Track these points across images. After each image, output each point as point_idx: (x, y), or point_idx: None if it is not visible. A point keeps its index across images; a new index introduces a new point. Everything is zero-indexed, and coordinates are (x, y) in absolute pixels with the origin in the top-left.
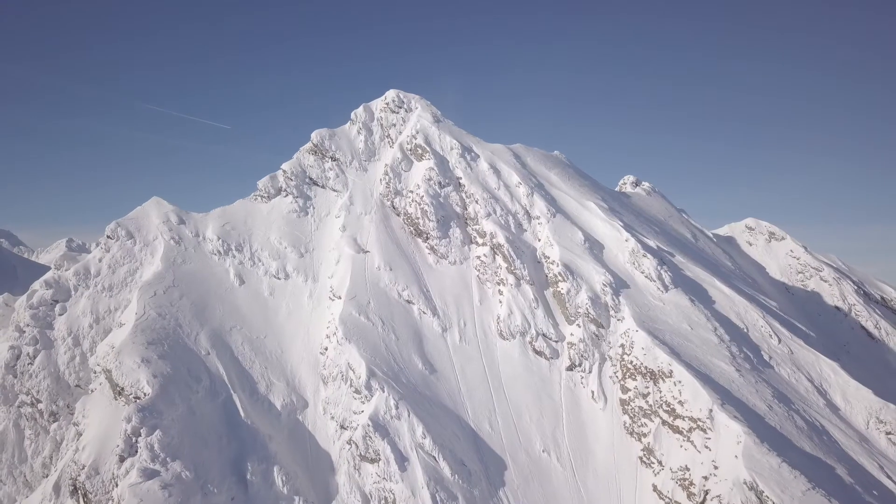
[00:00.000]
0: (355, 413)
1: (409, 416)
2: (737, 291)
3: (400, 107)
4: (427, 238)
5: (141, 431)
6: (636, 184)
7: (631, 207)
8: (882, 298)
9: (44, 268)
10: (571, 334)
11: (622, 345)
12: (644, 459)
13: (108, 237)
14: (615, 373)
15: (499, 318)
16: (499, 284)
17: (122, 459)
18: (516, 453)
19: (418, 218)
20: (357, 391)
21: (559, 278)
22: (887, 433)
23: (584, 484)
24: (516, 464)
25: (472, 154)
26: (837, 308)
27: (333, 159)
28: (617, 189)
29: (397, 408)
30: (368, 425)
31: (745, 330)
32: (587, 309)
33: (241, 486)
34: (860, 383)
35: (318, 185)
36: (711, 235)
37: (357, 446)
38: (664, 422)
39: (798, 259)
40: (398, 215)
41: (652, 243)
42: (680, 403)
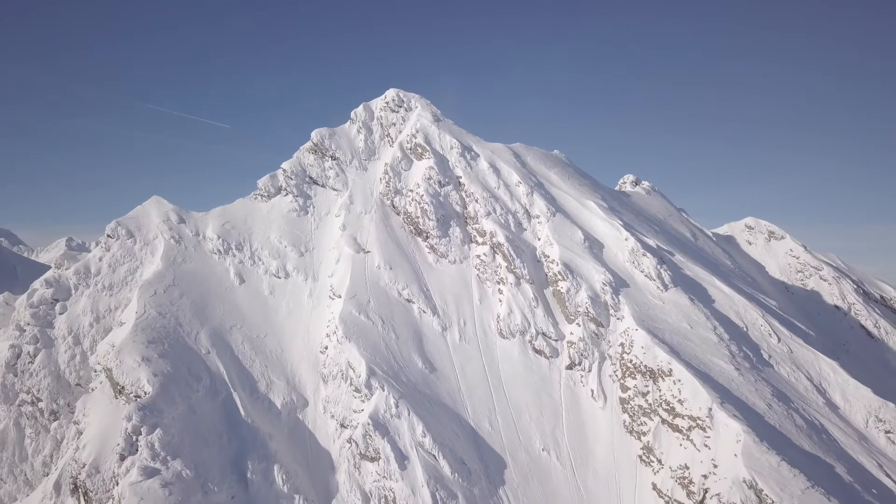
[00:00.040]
0: (355, 412)
1: (409, 415)
2: (736, 290)
3: (400, 106)
4: (427, 237)
5: (141, 430)
6: (636, 183)
7: (631, 207)
8: (881, 297)
9: (43, 267)
10: (571, 333)
11: (622, 344)
12: (644, 458)
13: (109, 236)
14: (615, 371)
15: (498, 317)
16: (499, 283)
17: (123, 458)
18: (516, 452)
19: (418, 217)
20: (357, 390)
21: (559, 277)
22: (886, 432)
23: (584, 482)
24: (516, 462)
25: (472, 153)
26: (837, 307)
27: (333, 158)
28: (617, 188)
29: (397, 406)
30: (368, 424)
31: (745, 329)
32: (587, 308)
33: (242, 485)
34: (859, 382)
35: (318, 185)
36: (711, 235)
37: (357, 445)
38: (664, 420)
39: (797, 258)
40: (398, 214)
41: (651, 242)
42: (679, 402)
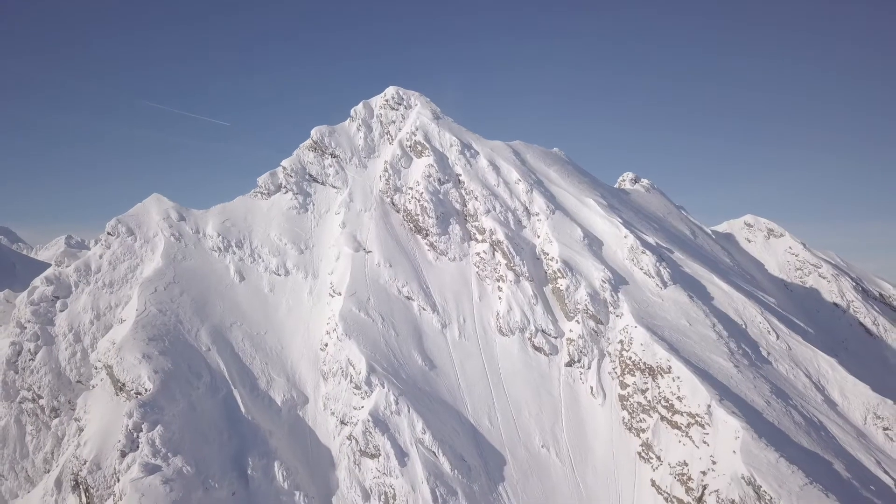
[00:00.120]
0: (355, 409)
1: (409, 412)
2: (735, 288)
3: (399, 103)
4: (427, 235)
5: (142, 427)
6: (635, 180)
7: (630, 204)
8: (880, 295)
9: (43, 264)
10: (570, 330)
11: (621, 341)
12: (643, 455)
13: (109, 234)
14: (614, 369)
15: (498, 315)
16: (498, 281)
17: (124, 455)
18: (515, 449)
19: (418, 214)
20: (357, 387)
21: (558, 275)
22: (885, 429)
23: (583, 479)
24: (515, 459)
25: (472, 151)
26: (836, 304)
27: (333, 156)
28: (616, 186)
29: (397, 403)
30: (368, 421)
31: (744, 326)
32: (586, 305)
33: (242, 481)
34: (858, 379)
35: (318, 182)
36: (710, 232)
37: (357, 442)
38: (663, 417)
39: (797, 256)
40: (398, 212)
41: (651, 240)
42: (678, 399)
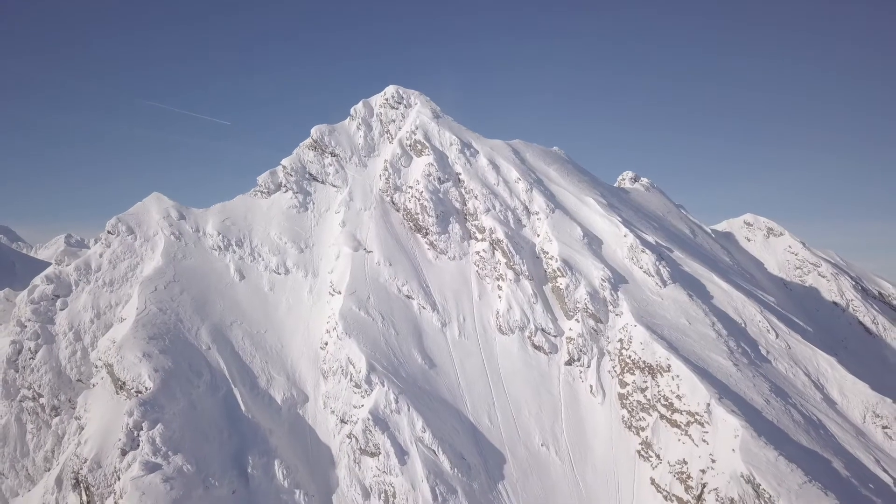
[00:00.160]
0: (355, 407)
1: (409, 411)
2: (735, 287)
3: (399, 102)
4: (426, 233)
5: (143, 425)
6: (635, 179)
7: (630, 203)
8: (880, 294)
9: (42, 263)
10: (570, 329)
11: (620, 339)
12: (642, 453)
13: (109, 232)
14: (613, 367)
15: (498, 313)
16: (498, 280)
17: (124, 453)
18: (515, 447)
19: (418, 213)
20: (357, 385)
21: (558, 273)
22: (883, 427)
23: (583, 477)
24: (515, 458)
25: (472, 150)
26: (835, 303)
27: (333, 155)
28: (616, 185)
29: (397, 402)
30: (368, 419)
31: (743, 325)
32: (586, 304)
33: (243, 480)
34: (857, 378)
35: (318, 181)
36: (710, 231)
37: (357, 440)
38: (662, 416)
39: (796, 255)
40: (398, 211)
41: (650, 239)
42: (678, 397)
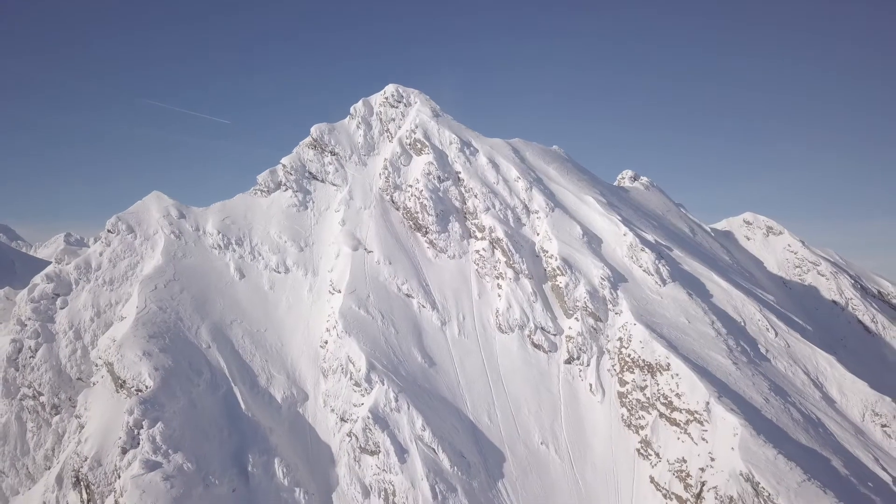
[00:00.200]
0: (355, 405)
1: (409, 409)
2: (734, 285)
3: (399, 101)
4: (426, 232)
5: (143, 423)
6: (634, 178)
7: (629, 202)
8: (879, 293)
9: (42, 262)
10: (570, 328)
11: (620, 338)
12: (641, 451)
13: (109, 231)
14: (613, 366)
15: (497, 312)
16: (497, 278)
17: (125, 451)
18: (515, 446)
19: (417, 212)
20: (357, 384)
21: (557, 272)
22: (882, 426)
23: (583, 476)
24: (515, 456)
25: (471, 148)
26: (834, 302)
27: (333, 154)
28: (615, 184)
29: (397, 400)
30: (368, 418)
31: (743, 323)
32: (585, 302)
33: (243, 478)
34: (856, 376)
35: (318, 180)
36: (709, 230)
37: (357, 438)
38: (661, 414)
39: (795, 253)
40: (397, 209)
41: (650, 237)
42: (677, 396)
